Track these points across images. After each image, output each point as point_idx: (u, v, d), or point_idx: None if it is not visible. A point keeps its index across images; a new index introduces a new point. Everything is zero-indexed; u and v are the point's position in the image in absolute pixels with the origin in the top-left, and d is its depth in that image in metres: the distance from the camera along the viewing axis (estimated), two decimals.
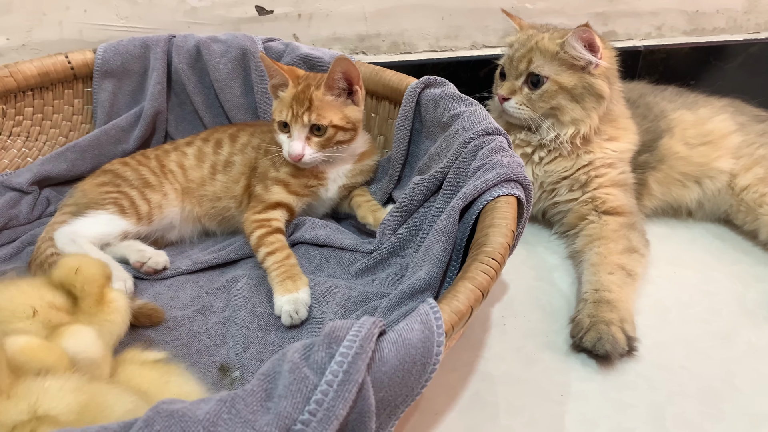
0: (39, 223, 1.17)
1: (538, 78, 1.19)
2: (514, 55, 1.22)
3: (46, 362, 0.64)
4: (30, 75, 1.23)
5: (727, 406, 0.90)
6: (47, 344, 0.67)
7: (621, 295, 1.04)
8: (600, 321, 0.98)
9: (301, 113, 1.05)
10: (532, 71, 1.19)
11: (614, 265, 1.09)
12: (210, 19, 1.43)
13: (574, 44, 1.15)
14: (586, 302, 1.04)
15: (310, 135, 1.07)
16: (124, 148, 1.27)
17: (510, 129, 1.29)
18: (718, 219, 1.35)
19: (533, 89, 1.20)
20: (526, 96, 1.21)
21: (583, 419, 0.88)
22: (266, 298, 0.99)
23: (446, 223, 0.88)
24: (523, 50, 1.21)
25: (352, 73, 1.07)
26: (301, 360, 0.54)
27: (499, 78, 1.29)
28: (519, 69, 1.21)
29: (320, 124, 1.06)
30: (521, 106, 1.22)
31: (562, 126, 1.23)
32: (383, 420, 0.59)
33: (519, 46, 1.23)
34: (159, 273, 1.06)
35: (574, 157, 1.24)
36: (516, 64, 1.21)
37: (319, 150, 1.08)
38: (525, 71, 1.20)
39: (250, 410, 0.50)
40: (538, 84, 1.20)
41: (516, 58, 1.21)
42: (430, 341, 0.60)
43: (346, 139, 1.11)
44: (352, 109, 1.10)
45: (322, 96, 1.06)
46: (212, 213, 1.15)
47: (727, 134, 1.30)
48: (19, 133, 1.27)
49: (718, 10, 1.71)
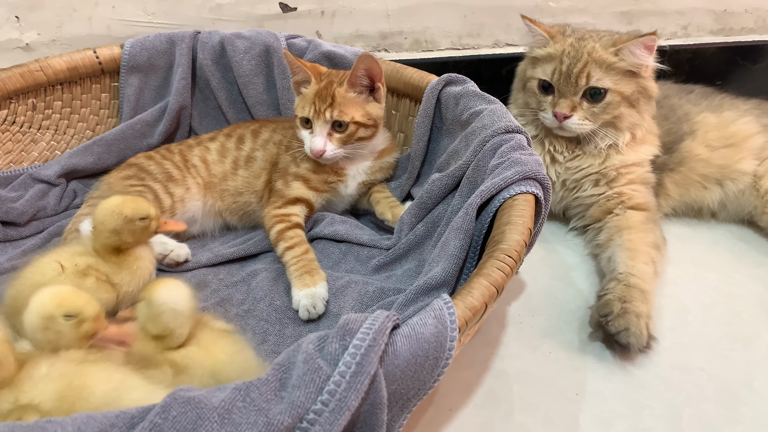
0: (66, 214, 1.20)
1: (598, 91, 1.16)
2: (570, 70, 1.16)
3: (74, 307, 0.66)
4: (59, 69, 1.26)
5: (746, 408, 0.89)
6: (75, 290, 0.69)
7: (652, 289, 1.04)
8: (632, 311, 0.97)
9: (323, 109, 1.07)
10: (593, 86, 1.16)
11: (649, 258, 1.09)
12: (235, 16, 1.45)
13: (637, 52, 1.13)
14: (619, 282, 1.03)
15: (332, 131, 1.08)
16: (148, 142, 1.29)
17: (544, 137, 1.27)
18: (741, 220, 1.34)
19: (593, 102, 1.17)
20: (588, 110, 1.18)
21: (598, 418, 0.88)
22: (285, 291, 1.00)
23: (463, 220, 0.88)
24: (579, 65, 1.15)
25: (374, 71, 1.08)
26: (315, 351, 0.55)
27: (540, 92, 1.22)
28: (579, 84, 1.16)
29: (342, 120, 1.07)
30: (584, 121, 1.18)
31: (619, 133, 1.21)
32: (395, 413, 0.60)
33: (572, 60, 1.16)
34: (181, 265, 1.07)
35: (603, 155, 1.23)
36: (574, 80, 1.16)
37: (340, 146, 1.09)
38: (585, 86, 1.16)
39: (264, 399, 0.52)
40: (597, 96, 1.16)
41: (574, 74, 1.16)
42: (443, 336, 0.60)
43: (367, 135, 1.12)
44: (373, 106, 1.11)
45: (344, 93, 1.07)
46: (234, 208, 1.17)
47: (750, 136, 1.29)
48: (48, 126, 1.31)
49: (746, 9, 1.68)
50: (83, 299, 0.67)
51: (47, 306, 0.66)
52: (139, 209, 0.86)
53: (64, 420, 0.49)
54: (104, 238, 0.86)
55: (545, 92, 1.22)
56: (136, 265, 0.88)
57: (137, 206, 0.86)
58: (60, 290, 0.68)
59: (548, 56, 1.21)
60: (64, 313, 0.65)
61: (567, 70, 1.17)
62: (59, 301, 0.66)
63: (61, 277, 0.81)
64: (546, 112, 1.21)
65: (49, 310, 0.65)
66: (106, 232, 0.85)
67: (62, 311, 0.65)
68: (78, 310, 0.65)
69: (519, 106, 1.31)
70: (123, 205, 0.85)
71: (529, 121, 1.29)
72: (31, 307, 0.66)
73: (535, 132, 1.28)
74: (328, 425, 0.51)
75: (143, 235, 0.88)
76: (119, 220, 0.84)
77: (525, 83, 1.27)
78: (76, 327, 0.66)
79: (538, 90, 1.23)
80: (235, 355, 0.76)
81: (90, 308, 0.66)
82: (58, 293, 0.67)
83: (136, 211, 0.85)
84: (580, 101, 1.18)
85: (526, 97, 1.27)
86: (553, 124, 1.21)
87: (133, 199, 0.88)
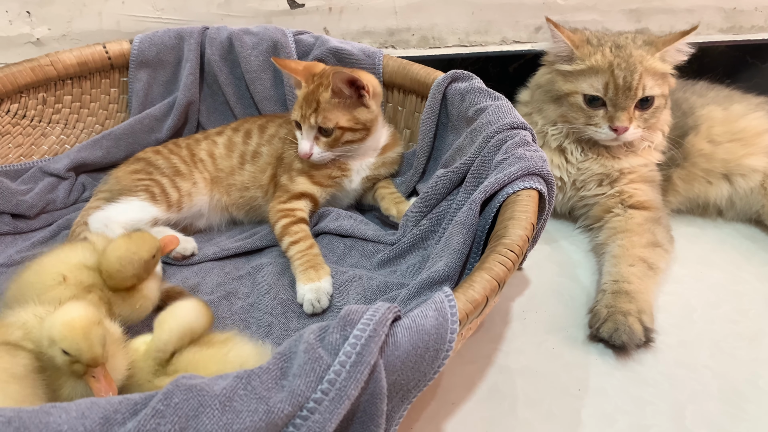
0: (75, 208, 1.21)
1: (647, 98, 1.16)
2: (627, 83, 1.14)
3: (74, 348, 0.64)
4: (69, 64, 1.27)
5: (750, 406, 0.89)
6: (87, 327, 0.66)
7: (640, 287, 1.04)
8: (617, 312, 0.99)
9: (308, 114, 1.07)
10: (647, 95, 1.16)
11: (636, 258, 1.09)
12: (243, 12, 1.45)
13: (683, 49, 1.15)
14: (605, 293, 1.04)
15: (318, 135, 1.09)
16: (157, 136, 1.30)
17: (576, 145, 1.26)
18: (749, 219, 1.33)
19: (643, 110, 1.17)
20: (640, 118, 1.18)
21: (601, 414, 0.88)
22: (289, 285, 1.01)
23: (467, 216, 0.88)
24: (636, 76, 1.13)
25: (355, 82, 1.06)
26: (316, 341, 0.56)
27: (587, 105, 1.18)
28: (636, 96, 1.15)
29: (326, 126, 1.07)
30: (638, 130, 1.18)
31: (653, 133, 1.22)
32: (395, 403, 0.60)
33: (624, 73, 1.14)
34: (187, 259, 1.08)
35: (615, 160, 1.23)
36: (633, 93, 1.14)
37: (327, 149, 1.10)
38: (641, 96, 1.15)
39: (265, 387, 0.52)
40: (646, 103, 1.17)
41: (633, 87, 1.14)
42: (443, 328, 0.61)
43: (357, 138, 1.11)
44: (362, 111, 1.10)
45: (329, 98, 1.07)
46: (240, 202, 1.18)
47: (761, 132, 1.27)
48: (58, 120, 1.32)
49: (756, 7, 1.67)
50: (88, 342, 0.64)
51: (55, 329, 0.64)
52: (151, 246, 0.85)
53: (68, 405, 0.49)
54: (122, 281, 0.83)
55: (592, 106, 1.18)
56: (140, 303, 0.85)
57: (147, 244, 0.84)
58: (74, 322, 0.65)
59: (591, 69, 1.17)
60: (63, 347, 0.64)
61: (624, 84, 1.14)
62: (67, 333, 0.64)
63: (62, 286, 0.79)
64: (599, 126, 1.18)
65: (54, 335, 0.64)
66: (128, 277, 0.83)
67: (63, 344, 0.64)
68: (76, 352, 0.64)
69: (549, 119, 1.26)
70: (137, 248, 0.83)
71: (564, 133, 1.25)
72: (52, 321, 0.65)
73: (563, 141, 1.25)
74: (327, 414, 0.52)
75: (152, 268, 0.87)
76: (140, 265, 0.83)
77: (559, 97, 1.22)
78: (69, 362, 0.65)
79: (585, 104, 1.19)
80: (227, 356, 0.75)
81: (88, 354, 0.64)
82: (71, 324, 0.65)
83: (150, 251, 0.84)
84: (634, 111, 1.17)
85: (566, 111, 1.22)
86: (609, 137, 1.18)
87: (140, 238, 0.85)
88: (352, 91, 1.08)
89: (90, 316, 0.66)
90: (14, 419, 0.48)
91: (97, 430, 0.48)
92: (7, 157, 1.26)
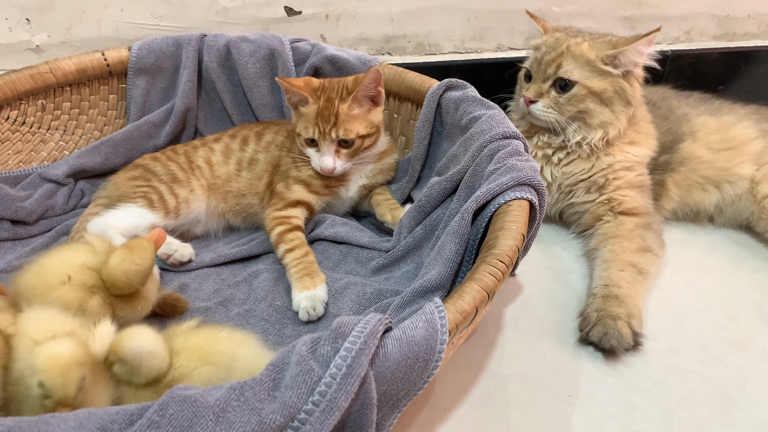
0: (73, 213, 1.23)
1: (566, 82, 1.19)
2: (543, 58, 1.22)
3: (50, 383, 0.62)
4: (68, 71, 1.28)
5: (738, 412, 0.91)
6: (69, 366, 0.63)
7: (630, 291, 1.06)
8: (607, 316, 1.00)
9: (328, 130, 1.08)
10: (560, 76, 1.20)
11: (626, 263, 1.11)
12: (241, 19, 1.47)
13: (642, 50, 1.17)
14: (595, 297, 1.06)
15: (339, 148, 1.10)
16: (155, 143, 1.32)
17: (533, 130, 1.30)
18: (739, 226, 1.35)
19: (561, 93, 1.21)
20: (554, 99, 1.22)
21: (591, 419, 0.89)
22: (285, 292, 1.02)
23: (459, 225, 0.90)
24: (553, 54, 1.20)
25: (379, 81, 1.09)
26: (308, 353, 0.57)
27: (524, 80, 1.29)
28: (547, 72, 1.21)
29: (348, 138, 1.08)
30: (548, 109, 1.22)
31: (589, 129, 1.23)
32: (385, 412, 0.62)
33: (548, 49, 1.22)
34: (184, 265, 1.10)
35: (593, 159, 1.25)
36: (544, 68, 1.21)
37: (348, 160, 1.11)
38: (553, 75, 1.20)
39: (257, 398, 0.54)
40: (566, 88, 1.20)
41: (545, 62, 1.21)
42: (433, 339, 0.62)
43: (372, 143, 1.14)
44: (375, 113, 1.13)
45: (347, 110, 1.08)
46: (237, 209, 1.19)
47: (749, 140, 1.30)
48: (57, 126, 1.33)
49: (750, 14, 1.69)
50: (64, 380, 0.62)
51: (39, 359, 0.63)
52: (151, 254, 0.85)
53: (67, 416, 0.51)
54: (128, 291, 0.84)
55: (527, 81, 1.28)
56: (141, 305, 0.87)
57: (148, 253, 0.85)
58: (58, 357, 0.63)
59: (534, 47, 1.28)
60: (39, 379, 0.62)
61: (540, 58, 1.23)
62: (48, 365, 0.62)
63: (66, 286, 0.80)
64: (520, 97, 1.27)
65: (37, 365, 0.62)
66: (135, 287, 0.84)
67: (39, 377, 0.62)
68: (50, 388, 0.62)
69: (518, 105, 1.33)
70: (141, 260, 0.83)
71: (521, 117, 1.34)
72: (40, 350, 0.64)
73: (526, 127, 1.32)
74: (318, 424, 0.53)
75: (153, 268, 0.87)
76: (146, 275, 0.84)
77: (522, 77, 1.32)
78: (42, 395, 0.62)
79: (523, 79, 1.30)
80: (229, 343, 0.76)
81: (61, 392, 0.62)
82: (54, 358, 0.63)
83: (151, 258, 0.85)
84: (549, 89, 1.22)
85: (518, 88, 1.34)
86: (523, 108, 1.26)
87: (139, 248, 0.84)
88: (373, 93, 1.10)
89: (75, 356, 0.64)
90: (14, 428, 0.49)
91: None
92: (7, 163, 1.27)
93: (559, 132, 1.25)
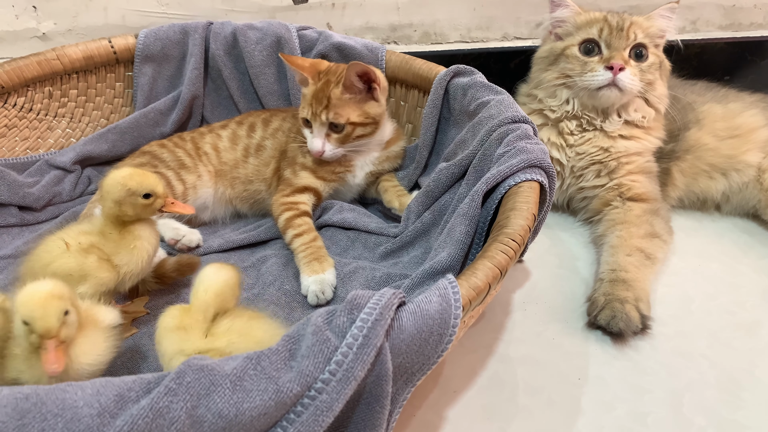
0: (81, 200, 1.23)
1: (641, 50, 1.15)
2: (620, 25, 1.16)
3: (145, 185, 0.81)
4: (75, 58, 1.28)
5: (747, 395, 0.91)
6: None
7: (638, 275, 1.06)
8: (615, 299, 1.00)
9: (319, 112, 1.08)
10: (640, 41, 1.15)
11: (634, 248, 1.11)
12: (247, 7, 1.47)
13: (667, 15, 1.17)
14: (603, 281, 1.06)
15: (330, 132, 1.10)
16: (161, 130, 1.32)
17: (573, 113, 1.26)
18: (746, 214, 1.35)
19: (638, 61, 1.17)
20: (636, 68, 1.16)
21: (599, 402, 0.89)
22: (294, 276, 1.02)
23: (469, 207, 0.90)
24: (627, 22, 1.16)
25: (368, 75, 1.08)
26: (324, 324, 0.57)
27: (583, 54, 1.20)
28: (629, 38, 1.14)
29: (338, 122, 1.08)
30: (634, 78, 1.16)
31: (647, 107, 1.23)
32: (400, 386, 0.62)
33: (617, 18, 1.18)
34: (192, 251, 1.09)
35: (611, 141, 1.24)
36: (626, 33, 1.14)
37: (338, 146, 1.11)
38: (634, 41, 1.14)
39: (274, 368, 0.54)
40: (641, 57, 1.16)
41: (625, 27, 1.15)
42: (447, 313, 0.62)
43: (366, 133, 1.13)
44: (371, 105, 1.12)
45: (340, 95, 1.08)
46: (244, 196, 1.19)
47: (756, 128, 1.30)
48: (63, 114, 1.33)
49: (755, 5, 1.69)
50: (42, 312, 0.64)
51: (19, 298, 0.65)
52: (144, 184, 0.84)
53: (84, 384, 0.51)
54: (107, 208, 0.85)
55: (587, 54, 1.20)
56: (134, 244, 0.86)
57: (143, 181, 0.85)
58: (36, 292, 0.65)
59: (587, 22, 1.21)
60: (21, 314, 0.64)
61: (617, 25, 1.18)
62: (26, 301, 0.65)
63: (66, 254, 0.82)
64: (595, 71, 1.17)
65: (17, 304, 0.65)
66: (110, 201, 0.84)
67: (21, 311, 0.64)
68: (30, 320, 0.64)
69: (549, 85, 1.26)
70: (129, 177, 0.84)
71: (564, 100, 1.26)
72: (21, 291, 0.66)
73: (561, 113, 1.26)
74: (335, 394, 0.54)
75: (145, 212, 0.86)
76: (122, 192, 0.83)
77: (556, 57, 1.25)
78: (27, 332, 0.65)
79: (580, 53, 1.21)
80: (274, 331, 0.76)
81: (41, 323, 0.64)
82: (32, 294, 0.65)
83: (140, 186, 0.84)
84: (628, 58, 1.18)
85: (563, 67, 1.23)
86: (606, 78, 1.16)
87: (141, 174, 0.86)
88: (363, 86, 1.09)
89: (54, 290, 0.66)
90: (32, 395, 0.49)
91: (112, 407, 0.50)
92: (14, 150, 1.27)
93: (617, 110, 1.23)
